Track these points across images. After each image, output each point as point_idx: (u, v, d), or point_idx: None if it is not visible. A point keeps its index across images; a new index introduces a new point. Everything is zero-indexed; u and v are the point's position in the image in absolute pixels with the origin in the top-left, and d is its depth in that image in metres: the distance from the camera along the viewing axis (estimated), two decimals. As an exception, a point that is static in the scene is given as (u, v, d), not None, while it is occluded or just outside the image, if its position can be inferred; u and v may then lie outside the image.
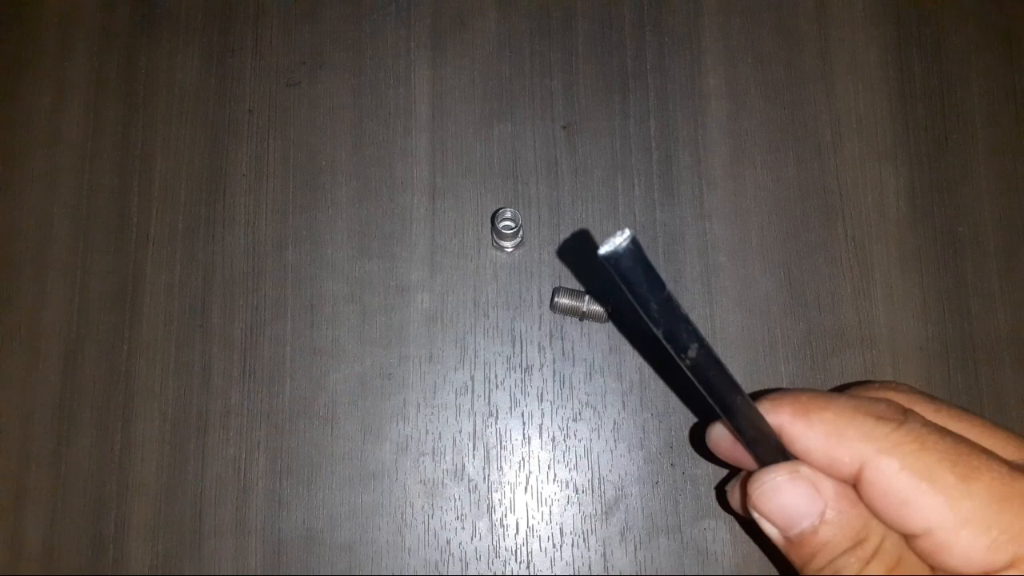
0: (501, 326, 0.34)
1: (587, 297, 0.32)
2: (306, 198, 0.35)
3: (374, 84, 0.36)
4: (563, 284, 0.34)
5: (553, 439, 0.33)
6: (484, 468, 0.32)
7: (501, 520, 0.32)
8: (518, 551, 0.32)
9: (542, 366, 0.33)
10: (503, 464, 0.32)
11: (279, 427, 0.33)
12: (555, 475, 0.32)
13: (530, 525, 0.32)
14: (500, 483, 0.32)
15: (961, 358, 0.33)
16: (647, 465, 0.32)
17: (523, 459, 0.32)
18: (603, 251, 0.19)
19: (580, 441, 0.32)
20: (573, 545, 0.32)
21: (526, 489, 0.32)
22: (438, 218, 0.35)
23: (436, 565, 0.31)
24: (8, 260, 0.35)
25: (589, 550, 0.32)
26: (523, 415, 0.33)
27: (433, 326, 0.34)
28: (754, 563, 0.31)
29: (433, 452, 0.32)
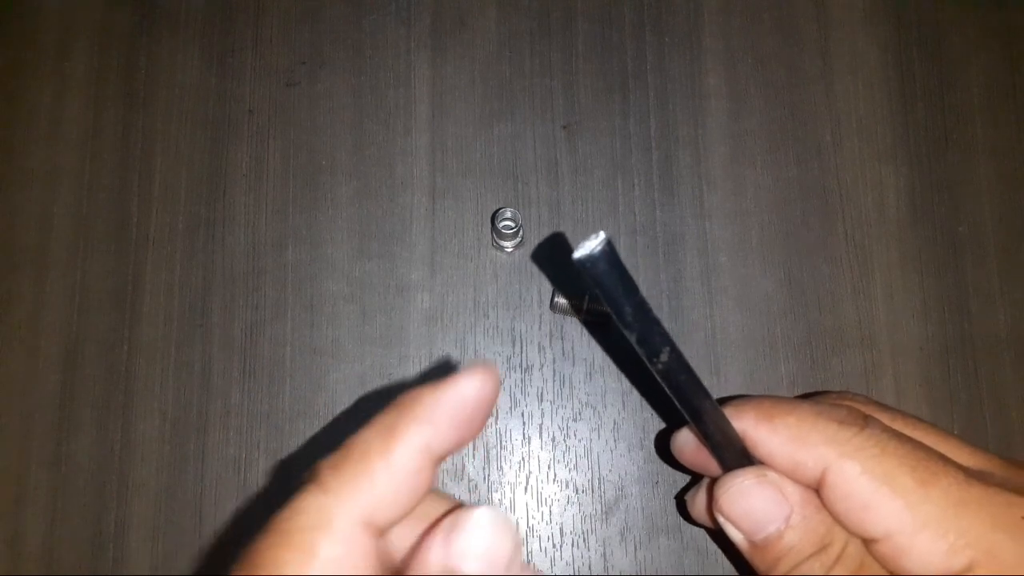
0: (501, 326, 0.34)
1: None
2: (306, 198, 0.35)
3: (374, 84, 0.36)
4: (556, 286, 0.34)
5: (553, 439, 0.33)
6: (484, 468, 0.32)
7: (501, 520, 0.32)
8: (518, 551, 0.32)
9: (542, 366, 0.33)
10: (503, 464, 0.32)
11: (279, 427, 0.33)
12: (555, 475, 0.32)
13: (530, 525, 0.32)
14: (500, 483, 0.32)
15: (961, 358, 0.33)
16: (647, 465, 0.32)
17: (523, 459, 0.32)
18: (577, 255, 0.19)
19: (580, 441, 0.32)
20: (573, 545, 0.32)
21: (526, 489, 0.32)
22: (438, 218, 0.35)
23: (436, 565, 0.31)
24: (8, 260, 0.35)
25: (589, 550, 0.32)
26: (523, 415, 0.33)
27: (433, 326, 0.34)
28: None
29: (433, 452, 0.32)
